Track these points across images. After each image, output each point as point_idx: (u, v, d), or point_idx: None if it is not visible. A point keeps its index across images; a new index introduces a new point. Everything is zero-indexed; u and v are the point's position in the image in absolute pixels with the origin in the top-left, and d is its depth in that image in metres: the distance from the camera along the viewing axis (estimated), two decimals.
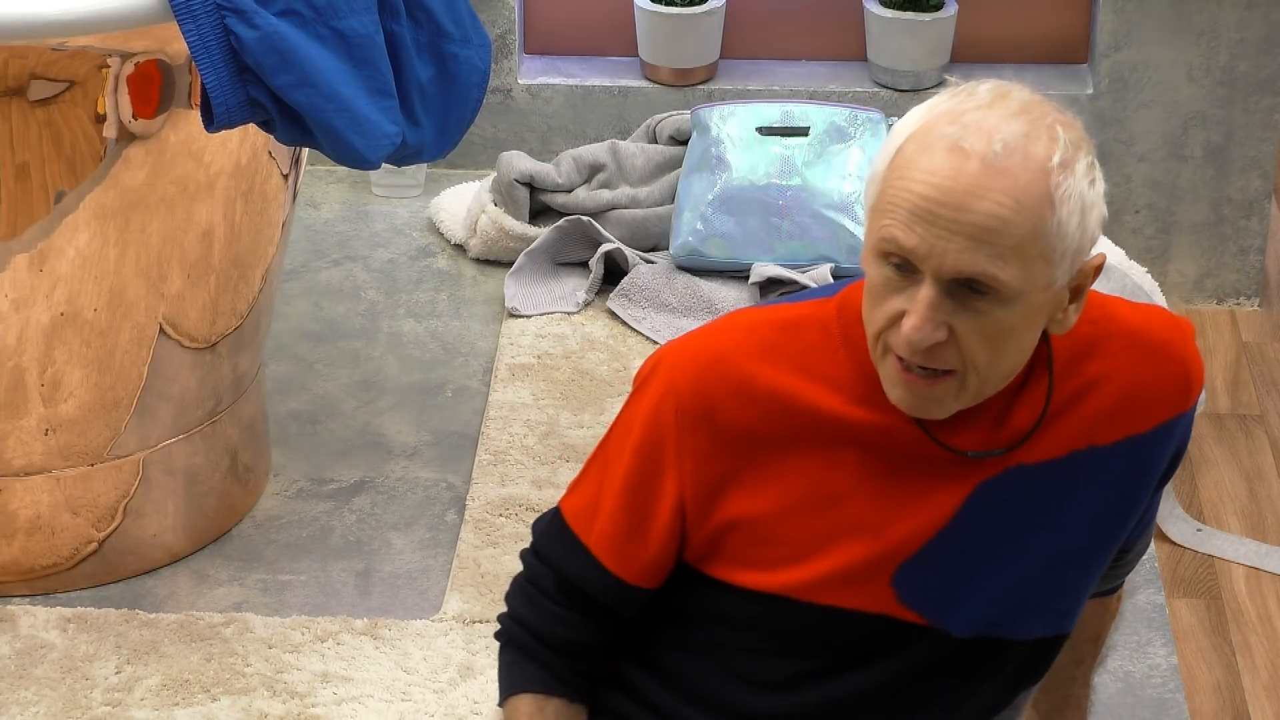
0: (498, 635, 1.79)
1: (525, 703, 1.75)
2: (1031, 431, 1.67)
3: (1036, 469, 1.68)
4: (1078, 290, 1.62)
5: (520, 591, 1.77)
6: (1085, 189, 1.57)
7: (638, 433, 1.69)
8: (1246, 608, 2.84)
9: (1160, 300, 3.12)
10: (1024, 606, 1.71)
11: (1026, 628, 1.72)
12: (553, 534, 1.75)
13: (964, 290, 1.57)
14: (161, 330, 2.59)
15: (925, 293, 1.56)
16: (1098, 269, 1.61)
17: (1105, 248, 3.19)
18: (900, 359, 1.60)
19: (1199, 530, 2.95)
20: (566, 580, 1.74)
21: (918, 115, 1.60)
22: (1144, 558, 2.72)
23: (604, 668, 1.78)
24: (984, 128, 1.55)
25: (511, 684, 1.77)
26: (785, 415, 1.66)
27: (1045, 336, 1.67)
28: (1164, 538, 2.93)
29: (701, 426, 1.66)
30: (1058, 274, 1.58)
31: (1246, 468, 3.09)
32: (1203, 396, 3.05)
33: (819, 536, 1.67)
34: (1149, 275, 3.20)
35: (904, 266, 1.57)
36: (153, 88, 2.43)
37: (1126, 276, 3.09)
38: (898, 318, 1.59)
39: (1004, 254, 1.54)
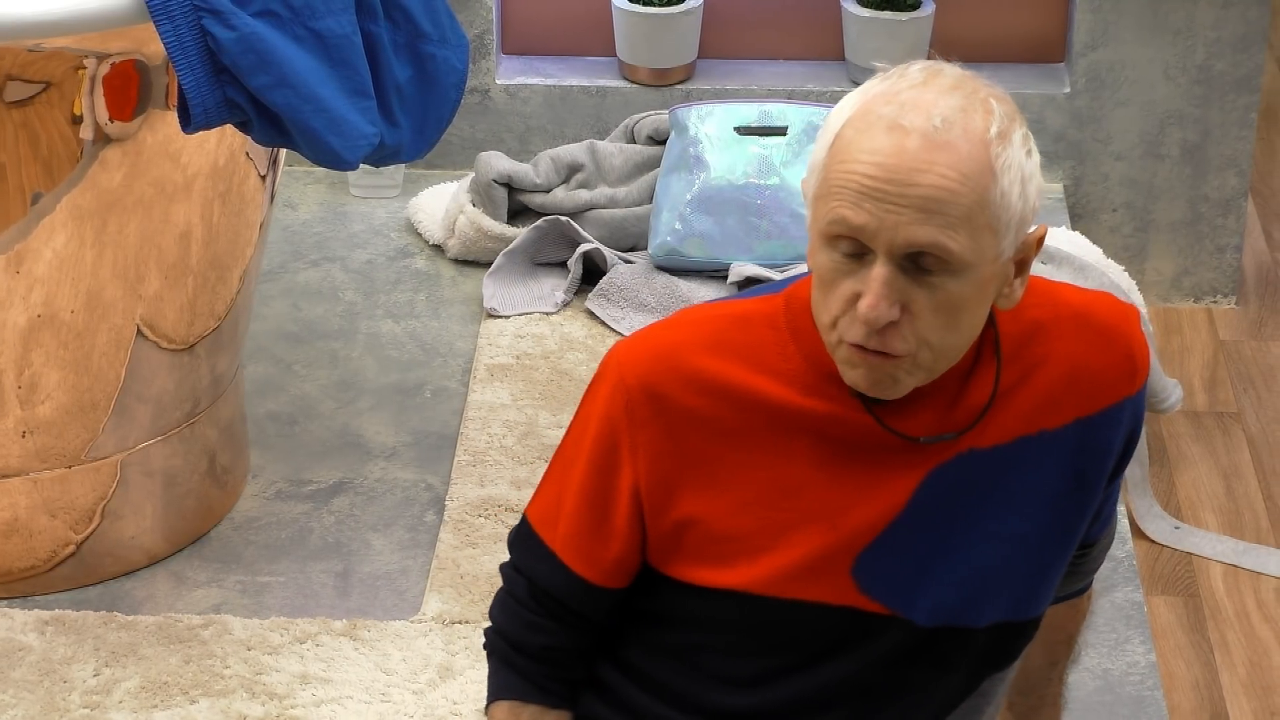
0: (485, 646, 1.81)
1: (501, 710, 1.78)
2: (982, 414, 1.68)
3: (989, 453, 1.69)
4: (1022, 263, 1.65)
5: (499, 602, 1.80)
6: (1023, 159, 1.60)
7: (592, 430, 1.71)
8: (1224, 605, 2.85)
9: (1138, 299, 3.13)
10: (983, 593, 1.72)
11: (986, 614, 1.73)
12: (521, 541, 1.77)
13: (915, 266, 1.59)
14: (139, 332, 2.58)
15: (879, 270, 1.58)
16: (1040, 241, 1.64)
17: (1083, 246, 3.20)
18: (853, 343, 1.61)
19: (1177, 528, 2.96)
20: (537, 586, 1.75)
21: (852, 101, 1.62)
22: (1122, 556, 2.73)
23: (583, 673, 1.79)
24: (921, 105, 1.58)
25: (492, 692, 1.80)
26: (737, 408, 1.67)
27: (992, 320, 1.70)
28: (1142, 535, 2.93)
29: (654, 420, 1.67)
30: (1004, 245, 1.61)
31: (1224, 465, 3.10)
32: (1180, 394, 3.06)
33: (775, 529, 1.68)
34: (1126, 274, 3.20)
35: (853, 249, 1.59)
36: (130, 89, 2.42)
37: (1104, 275, 3.09)
38: (851, 301, 1.60)
39: (953, 224, 1.57)
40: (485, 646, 1.80)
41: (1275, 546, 2.95)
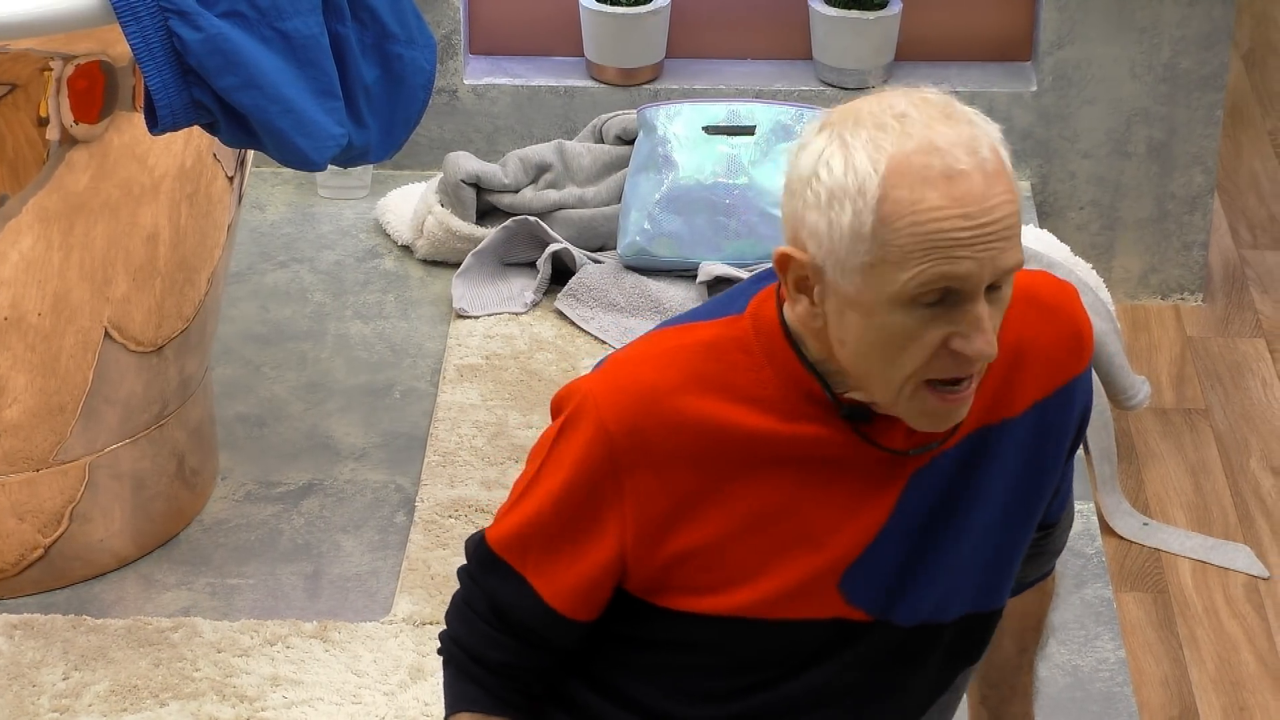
0: (440, 652, 1.79)
1: None
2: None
3: (957, 449, 1.70)
4: None
5: (457, 611, 1.78)
6: (1008, 152, 1.64)
7: (569, 471, 1.68)
8: (1193, 601, 2.86)
9: (1106, 297, 3.14)
10: (956, 586, 1.73)
11: (954, 607, 1.74)
12: (485, 562, 1.75)
13: (990, 289, 1.62)
14: (107, 334, 2.57)
15: (980, 308, 1.60)
16: None
17: (1050, 244, 3.21)
18: (935, 386, 1.62)
19: (1145, 524, 2.96)
20: (500, 607, 1.74)
21: (867, 161, 1.59)
22: (1091, 552, 2.74)
23: (542, 689, 1.78)
24: (959, 143, 1.60)
25: (452, 702, 1.78)
26: (721, 442, 1.66)
27: None
28: (1111, 532, 2.94)
29: (639, 466, 1.66)
30: None
31: (1192, 462, 3.11)
32: (1147, 390, 3.07)
33: (765, 555, 1.68)
34: (1094, 271, 3.21)
35: (943, 295, 1.60)
36: (96, 90, 2.42)
37: (1072, 273, 3.10)
38: (940, 346, 1.61)
39: (1017, 239, 1.62)
40: (441, 654, 1.79)
41: (1243, 542, 2.96)
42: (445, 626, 1.79)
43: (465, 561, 1.78)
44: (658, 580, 1.70)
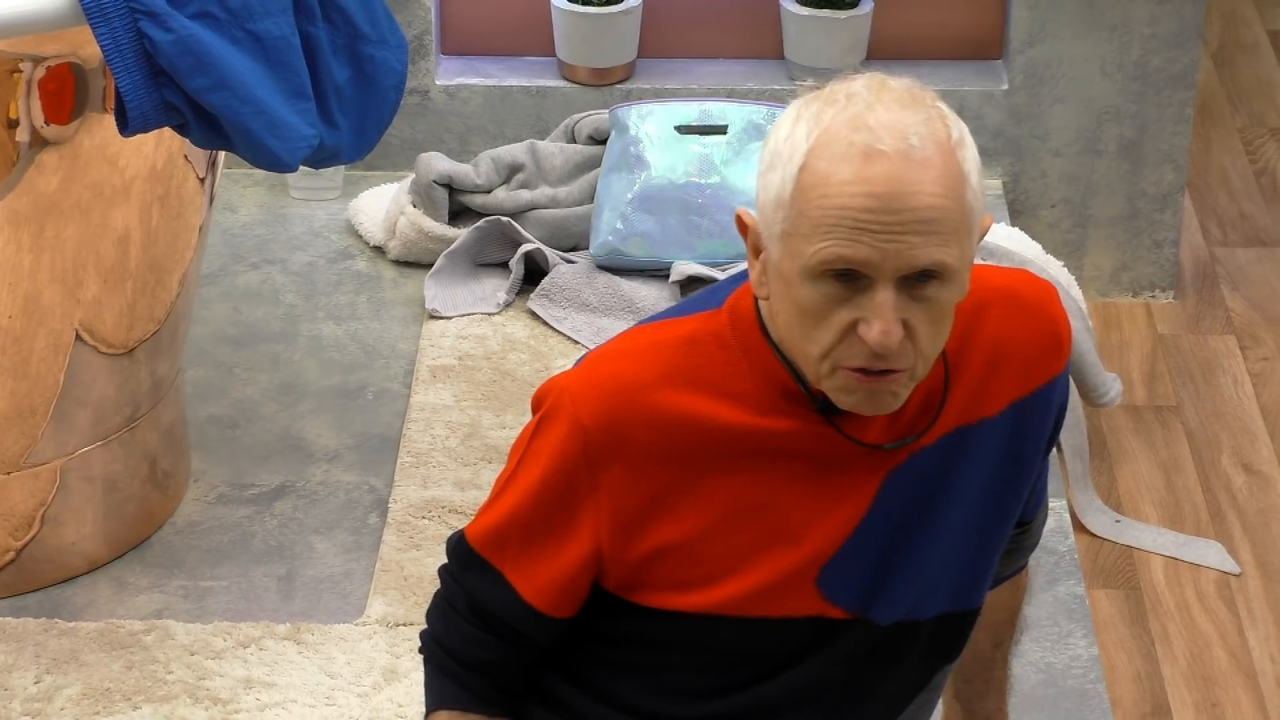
0: (420, 650, 1.80)
1: (443, 719, 1.76)
2: (939, 411, 1.69)
3: (935, 448, 1.70)
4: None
5: (437, 609, 1.78)
6: (975, 155, 1.61)
7: (545, 467, 1.68)
8: (1165, 597, 2.87)
9: (1077, 294, 3.15)
10: (934, 585, 1.73)
11: (932, 606, 1.74)
12: (465, 560, 1.75)
13: (912, 284, 1.59)
14: (78, 336, 2.57)
15: (884, 295, 1.58)
16: (987, 229, 1.65)
17: (1022, 243, 3.22)
18: (855, 368, 1.61)
19: (1117, 521, 2.97)
20: (479, 605, 1.74)
21: (805, 129, 1.59)
22: (1064, 549, 2.74)
23: (522, 687, 1.78)
24: (891, 126, 1.57)
25: (432, 701, 1.78)
26: (698, 438, 1.66)
27: None
28: (1083, 529, 2.95)
29: (615, 461, 1.66)
30: (974, 242, 1.62)
31: (1163, 459, 3.12)
32: (1119, 388, 3.08)
33: (742, 551, 1.68)
34: (1065, 269, 3.22)
35: (848, 277, 1.58)
36: (66, 92, 2.41)
37: (1043, 270, 3.11)
38: (846, 329, 1.59)
39: (946, 239, 1.58)
40: (421, 652, 1.79)
41: (1214, 539, 2.97)
42: (426, 625, 1.79)
43: (445, 560, 1.78)
44: (635, 577, 1.69)
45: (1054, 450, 2.91)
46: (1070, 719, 2.50)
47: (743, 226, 1.65)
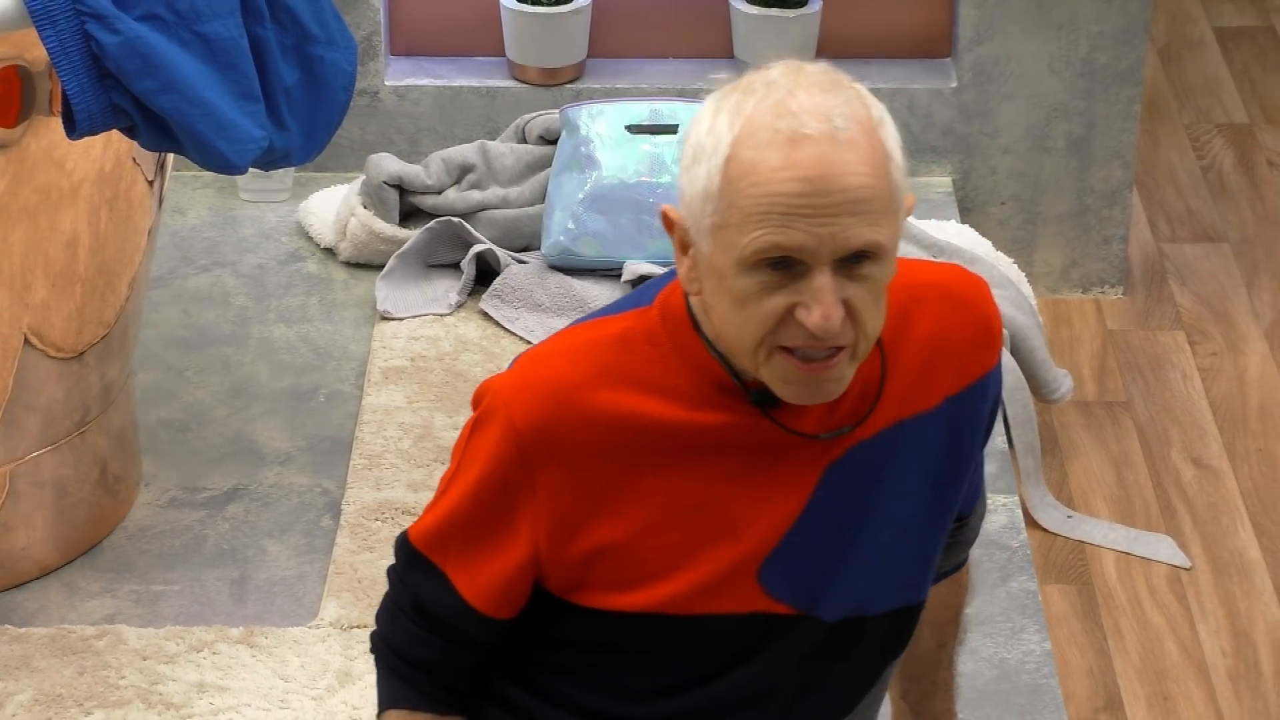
0: (371, 650, 1.80)
1: (393, 719, 1.77)
2: (878, 398, 1.69)
3: (873, 443, 1.70)
4: None
5: (385, 609, 1.78)
6: (896, 134, 1.62)
7: (481, 470, 1.68)
8: (1117, 592, 2.88)
9: (1028, 291, 3.16)
10: (880, 580, 1.74)
11: (880, 601, 1.74)
12: (409, 559, 1.75)
13: (848, 264, 1.59)
14: (26, 341, 2.55)
15: (822, 279, 1.58)
16: (911, 208, 1.65)
17: (972, 240, 3.23)
18: (791, 352, 1.60)
19: (1069, 517, 2.99)
20: (422, 604, 1.74)
21: (727, 120, 1.59)
22: (1016, 545, 2.75)
23: (470, 686, 1.78)
24: (814, 109, 1.57)
25: (383, 701, 1.78)
26: (633, 436, 1.66)
27: None
28: (1035, 525, 2.96)
29: (550, 462, 1.66)
30: (901, 220, 1.63)
31: (1114, 454, 3.13)
32: (1070, 384, 3.09)
33: (682, 548, 1.68)
34: (1016, 266, 3.23)
35: (783, 264, 1.58)
36: (12, 95, 2.40)
37: (994, 267, 3.12)
38: (783, 315, 1.59)
39: (877, 218, 1.58)
40: (372, 652, 1.79)
41: (1165, 533, 2.99)
42: (376, 625, 1.79)
43: (394, 561, 1.78)
44: (576, 578, 1.69)
45: (1004, 446, 2.92)
46: (1024, 714, 2.51)
47: (668, 223, 1.65)
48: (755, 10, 3.38)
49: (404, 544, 1.75)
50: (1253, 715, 2.69)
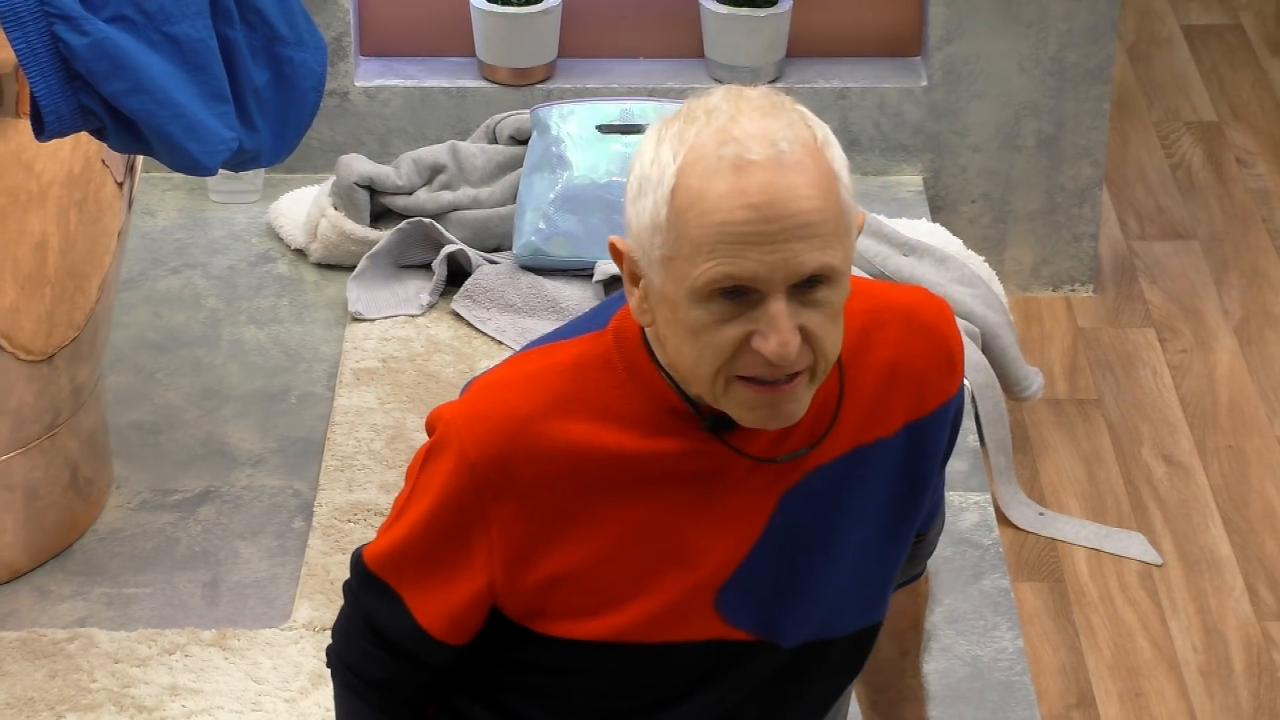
0: (327, 664, 1.79)
1: None
2: (833, 422, 1.68)
3: (831, 468, 1.69)
4: None
5: (341, 626, 1.77)
6: (841, 154, 1.60)
7: (434, 500, 1.67)
8: (1089, 589, 2.89)
9: (998, 289, 3.17)
10: (841, 604, 1.73)
11: (845, 624, 1.73)
12: (363, 580, 1.74)
13: (802, 289, 1.58)
14: None
15: (776, 306, 1.56)
16: (861, 227, 1.64)
17: (943, 238, 3.23)
18: (750, 380, 1.59)
19: (1041, 514, 2.99)
20: (375, 624, 1.73)
21: (669, 151, 1.57)
22: (988, 543, 2.76)
23: (426, 701, 1.78)
24: (757, 134, 1.55)
25: (340, 716, 1.78)
26: (587, 466, 1.65)
27: None
28: (1007, 523, 2.97)
29: (503, 494, 1.64)
30: (853, 241, 1.61)
31: (1085, 451, 3.14)
32: (1041, 381, 3.10)
33: (637, 576, 1.67)
34: (986, 264, 3.24)
35: (736, 293, 1.56)
36: None
37: (964, 266, 3.13)
38: (739, 344, 1.58)
39: (828, 241, 1.57)
40: (329, 667, 1.79)
41: (1136, 530, 3.00)
42: (332, 640, 1.78)
43: (349, 577, 1.77)
44: (533, 606, 1.69)
45: (976, 444, 2.93)
46: (997, 711, 2.51)
47: (616, 255, 1.63)
48: (725, 10, 3.38)
49: (359, 564, 1.74)
50: (1224, 710, 2.70)
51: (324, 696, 2.50)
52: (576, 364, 1.66)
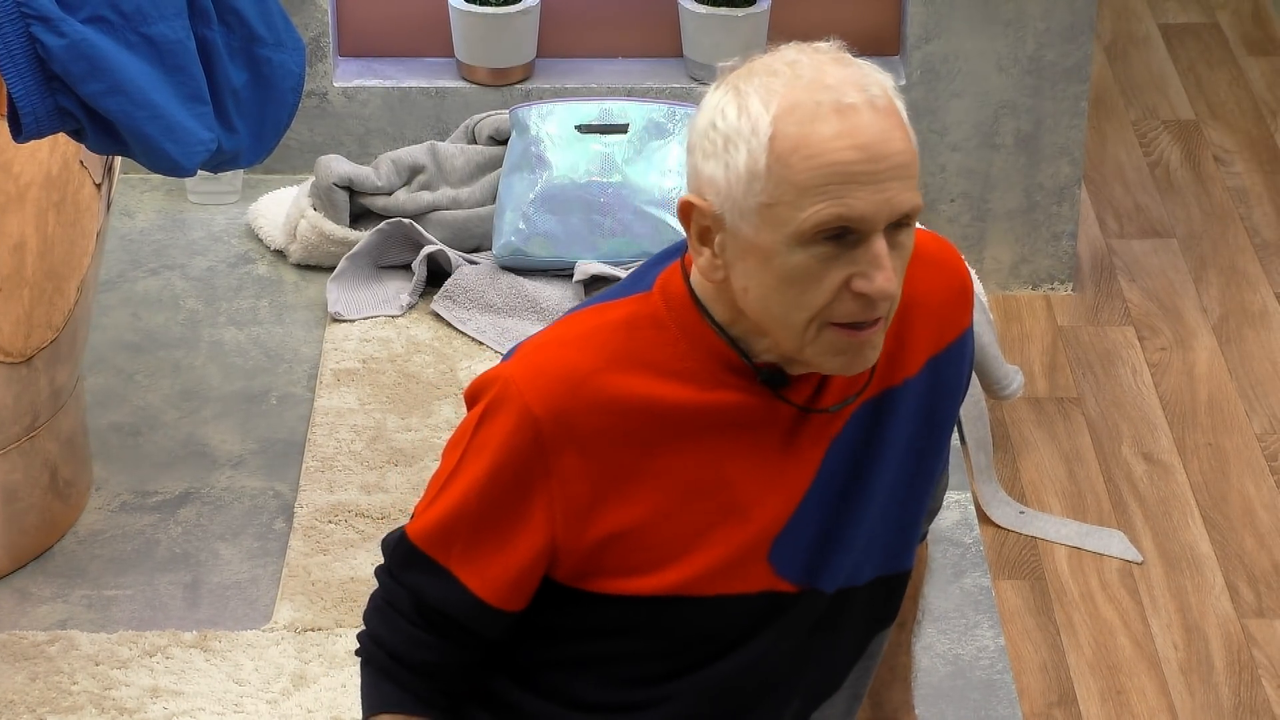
0: (358, 653, 1.78)
1: None
2: (874, 368, 1.70)
3: (863, 413, 1.72)
4: None
5: (377, 611, 1.76)
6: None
7: (492, 460, 1.67)
8: (1069, 587, 2.89)
9: (978, 288, 3.17)
10: (871, 550, 1.75)
11: (866, 570, 1.76)
12: (407, 559, 1.73)
13: (891, 230, 1.62)
14: None
15: (879, 245, 1.60)
16: None
17: None
18: (841, 326, 1.62)
19: (1021, 513, 3.00)
20: (425, 603, 1.73)
21: (759, 103, 1.61)
22: (969, 541, 2.76)
23: (464, 687, 1.77)
24: (848, 81, 1.61)
25: (372, 704, 1.77)
26: (646, 419, 1.67)
27: None
28: (988, 521, 2.97)
29: (566, 448, 1.66)
30: None
31: (1065, 449, 3.15)
32: (1021, 380, 3.11)
33: (695, 531, 1.69)
34: (965, 263, 3.24)
35: (840, 235, 1.60)
36: None
37: None
38: (842, 287, 1.61)
39: (914, 183, 1.62)
40: (359, 654, 1.77)
41: (1117, 528, 3.00)
42: (365, 627, 1.77)
43: (383, 560, 1.76)
44: (589, 564, 1.69)
45: (959, 443, 2.93)
46: (978, 709, 2.52)
47: (688, 212, 1.65)
48: (704, 9, 3.38)
49: (401, 543, 1.73)
50: (1204, 708, 2.70)
51: (305, 698, 2.50)
52: (628, 322, 1.68)
